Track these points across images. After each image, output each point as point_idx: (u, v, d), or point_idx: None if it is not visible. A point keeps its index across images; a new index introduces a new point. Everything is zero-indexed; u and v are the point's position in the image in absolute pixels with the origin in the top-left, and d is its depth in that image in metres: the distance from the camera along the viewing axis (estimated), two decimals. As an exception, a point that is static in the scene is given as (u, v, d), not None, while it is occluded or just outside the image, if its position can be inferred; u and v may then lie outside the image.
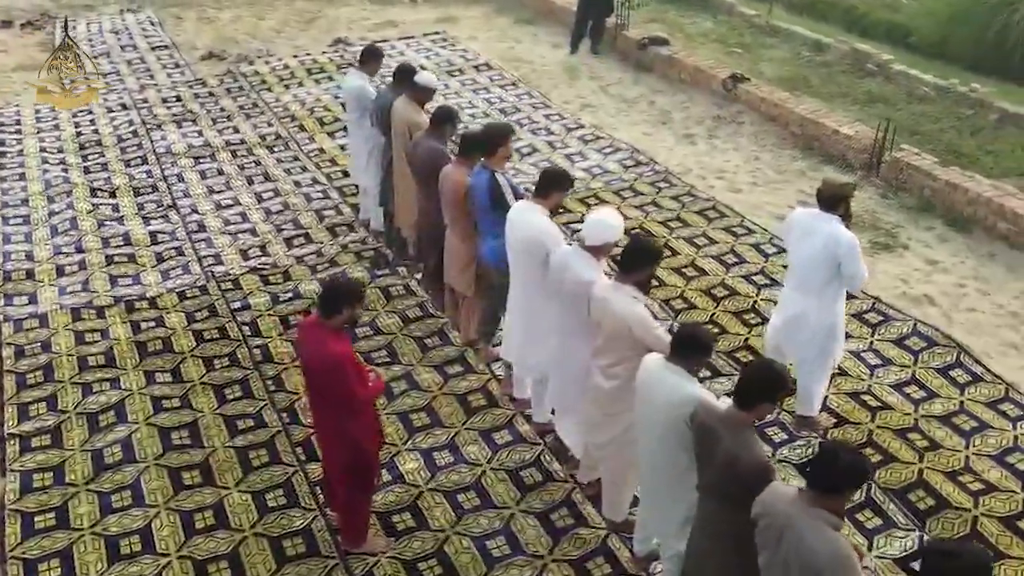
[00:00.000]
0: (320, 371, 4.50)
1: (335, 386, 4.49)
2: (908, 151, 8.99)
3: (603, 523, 5.27)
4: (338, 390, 4.51)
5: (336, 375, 4.47)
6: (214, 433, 5.96)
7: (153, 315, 7.18)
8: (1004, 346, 6.81)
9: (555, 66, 12.21)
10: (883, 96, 11.44)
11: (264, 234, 8.34)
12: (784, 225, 5.86)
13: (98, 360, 6.65)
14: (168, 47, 12.97)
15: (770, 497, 3.64)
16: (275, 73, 12.02)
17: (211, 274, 7.70)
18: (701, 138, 10.14)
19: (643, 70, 11.96)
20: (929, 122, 10.64)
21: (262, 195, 9.04)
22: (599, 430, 4.96)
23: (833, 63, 12.50)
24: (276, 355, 6.71)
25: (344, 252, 7.99)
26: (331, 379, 4.48)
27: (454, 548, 5.14)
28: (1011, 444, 5.84)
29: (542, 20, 13.94)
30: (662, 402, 4.22)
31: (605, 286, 4.79)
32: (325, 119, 10.66)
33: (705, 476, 4.05)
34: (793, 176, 9.27)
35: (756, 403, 3.83)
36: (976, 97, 11.26)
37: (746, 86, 10.61)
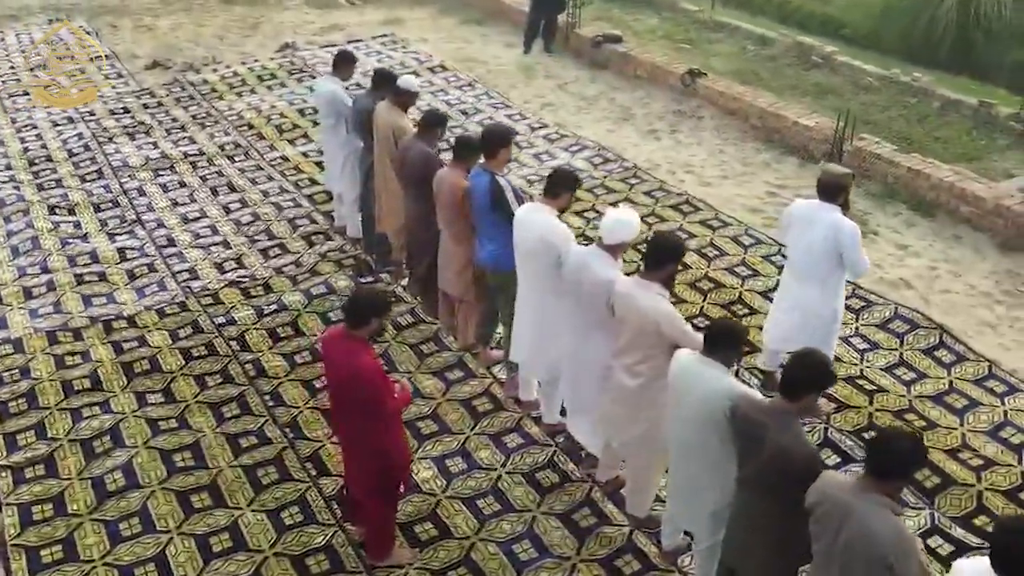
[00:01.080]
0: (349, 383, 4.42)
1: (365, 398, 4.42)
2: (868, 140, 9.26)
3: (626, 520, 5.29)
4: (369, 402, 4.44)
5: (366, 387, 4.40)
6: (217, 453, 5.80)
7: (134, 334, 6.94)
8: (981, 325, 7.06)
9: (510, 66, 12.22)
10: (831, 87, 11.75)
11: (238, 246, 8.14)
12: (784, 217, 5.96)
13: (83, 384, 6.41)
14: (108, 57, 12.56)
15: (826, 485, 3.70)
16: (225, 81, 11.75)
17: (189, 290, 7.49)
18: (664, 133, 10.26)
19: (599, 68, 12.05)
20: (877, 111, 10.97)
21: (229, 206, 8.83)
22: (624, 428, 4.98)
23: (779, 56, 12.78)
24: (270, 369, 6.57)
25: (324, 261, 7.85)
26: (361, 391, 4.41)
27: (481, 555, 5.10)
28: (1002, 419, 6.06)
29: (491, 20, 13.92)
30: (700, 396, 4.26)
31: (629, 284, 4.81)
32: (284, 126, 10.46)
33: (748, 468, 4.10)
34: (759, 168, 9.45)
35: (803, 394, 3.90)
36: (918, 86, 11.66)
37: (704, 81, 10.77)
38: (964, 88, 12.22)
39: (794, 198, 8.73)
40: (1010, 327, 7.06)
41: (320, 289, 7.42)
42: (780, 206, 8.71)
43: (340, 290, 7.39)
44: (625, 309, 4.75)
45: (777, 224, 8.33)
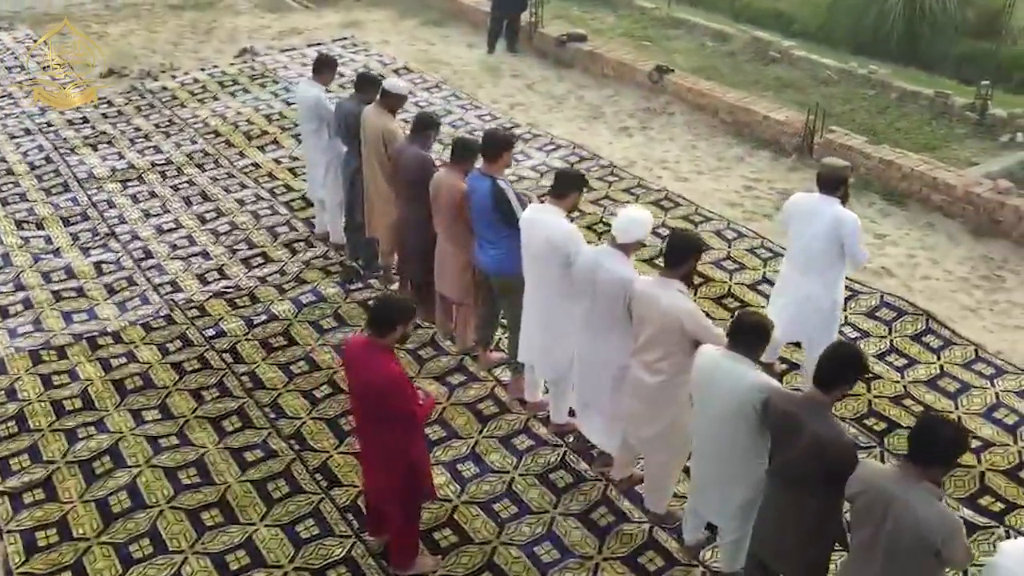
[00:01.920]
0: (377, 392, 4.36)
1: (393, 406, 4.37)
2: (838, 132, 9.45)
3: (644, 517, 5.32)
4: (396, 410, 4.39)
5: (394, 395, 4.35)
6: (223, 468, 5.68)
7: (121, 350, 6.76)
8: (963, 310, 7.25)
9: (475, 66, 12.19)
10: (791, 81, 11.94)
11: (218, 257, 7.98)
12: (784, 211, 6.04)
13: (74, 404, 6.22)
14: (62, 65, 12.21)
15: (868, 474, 3.77)
16: (185, 88, 11.51)
17: (173, 302, 7.32)
18: (636, 130, 10.33)
19: (564, 66, 12.09)
20: (839, 104, 11.18)
21: (204, 216, 8.65)
22: (644, 425, 5.00)
23: (738, 52, 12.96)
24: (267, 381, 6.45)
25: (309, 269, 7.74)
26: (389, 399, 4.36)
27: (504, 559, 5.08)
28: (994, 401, 6.24)
29: (450, 21, 13.87)
30: (729, 391, 4.30)
31: (649, 283, 4.84)
32: (252, 133, 10.28)
33: (781, 461, 4.14)
34: (732, 162, 9.58)
35: (837, 385, 3.96)
36: (876, 78, 11.93)
37: (672, 77, 10.87)
38: (916, 79, 12.54)
39: (770, 192, 8.97)
40: (990, 311, 7.26)
41: (309, 297, 7.32)
42: (757, 200, 8.88)
43: (330, 298, 7.30)
44: (646, 308, 4.77)
45: (756, 217, 8.51)
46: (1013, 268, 7.79)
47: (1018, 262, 7.86)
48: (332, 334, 6.91)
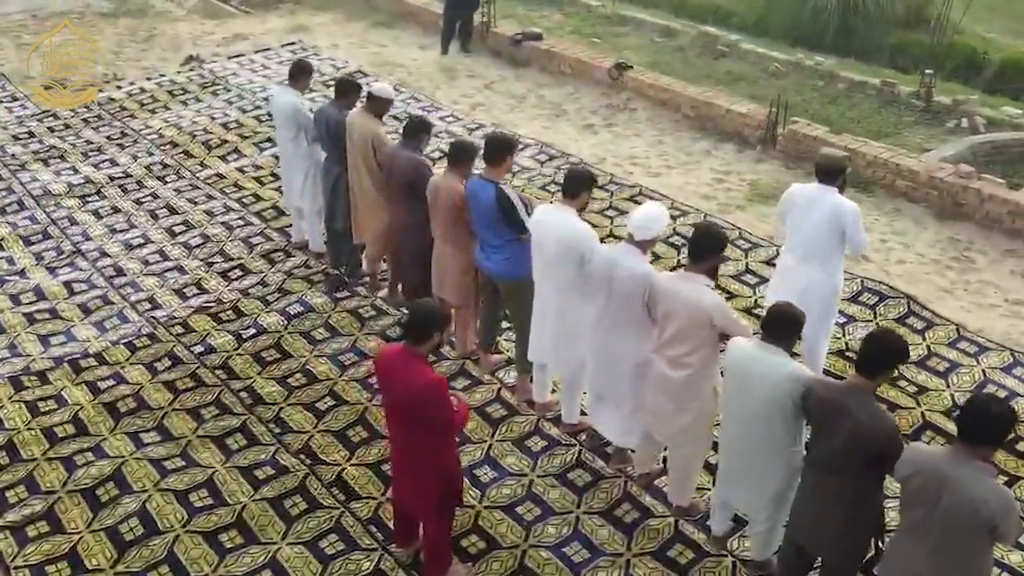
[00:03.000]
0: (417, 400, 4.29)
1: (433, 415, 4.32)
2: (801, 123, 9.66)
3: (667, 511, 5.35)
4: (436, 418, 4.33)
5: (434, 403, 4.30)
6: (235, 488, 5.52)
7: (107, 372, 6.53)
8: (939, 291, 7.50)
9: (430, 68, 12.11)
10: (742, 74, 12.19)
11: (194, 271, 7.76)
12: (783, 202, 6.13)
13: (66, 430, 5.98)
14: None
15: (918, 456, 3.86)
16: (133, 98, 11.17)
17: (155, 320, 7.10)
18: (600, 127, 10.40)
19: (520, 65, 12.09)
20: (792, 95, 11.39)
21: (173, 229, 8.40)
22: (671, 420, 5.03)
23: (686, 47, 13.16)
24: (266, 395, 6.30)
25: (291, 279, 7.59)
26: (429, 408, 4.30)
27: (535, 562, 5.06)
28: (983, 378, 6.46)
29: (399, 23, 13.75)
30: (765, 382, 4.35)
31: (673, 279, 4.88)
32: (211, 142, 10.03)
33: (823, 449, 4.19)
34: (700, 156, 9.72)
35: (882, 371, 4.05)
36: (823, 69, 12.25)
37: (631, 74, 10.97)
38: (859, 70, 12.91)
39: (740, 183, 9.13)
40: (964, 291, 7.52)
41: (297, 308, 7.17)
42: (729, 191, 9.03)
43: (318, 308, 7.17)
44: (672, 303, 4.80)
45: (730, 209, 8.64)
46: (980, 249, 8.08)
47: (983, 243, 8.16)
48: (326, 344, 6.79)
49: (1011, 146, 10.26)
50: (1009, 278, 7.69)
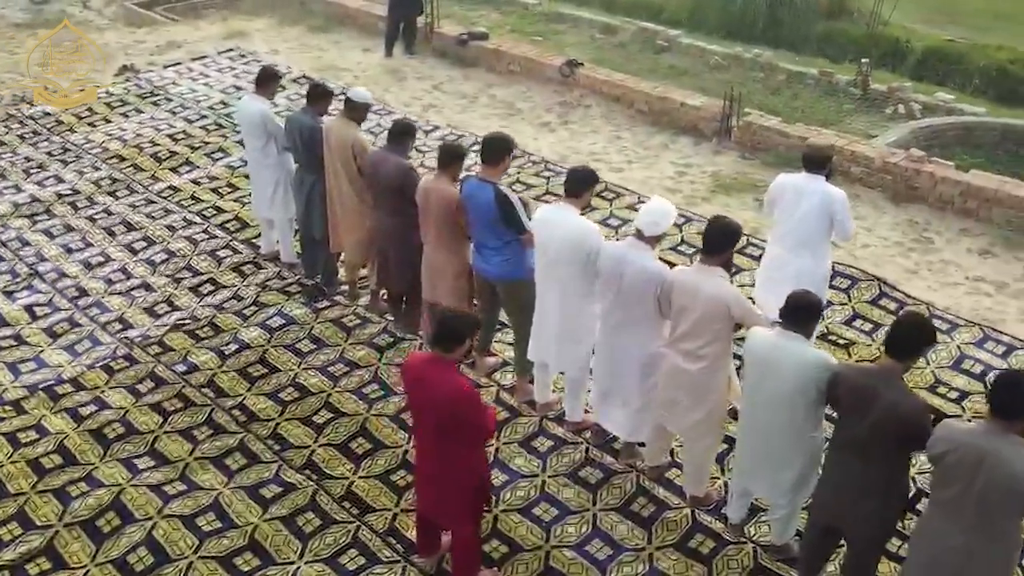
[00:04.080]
0: (451, 407, 4.24)
1: (468, 421, 4.28)
2: (755, 114, 9.87)
3: (682, 502, 5.41)
4: (471, 425, 4.30)
5: (469, 410, 4.26)
6: (242, 509, 5.37)
7: (87, 398, 6.27)
8: (906, 272, 7.76)
9: (376, 70, 11.97)
10: (684, 68, 12.40)
11: (162, 288, 7.51)
12: (771, 192, 6.26)
13: (53, 460, 5.72)
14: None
15: (954, 433, 3.97)
16: (70, 112, 10.73)
17: (129, 341, 6.84)
18: (557, 125, 10.44)
19: (467, 65, 12.05)
20: (736, 87, 11.65)
21: (133, 246, 8.11)
22: (687, 413, 5.07)
23: (627, 43, 13.32)
24: (260, 412, 6.14)
25: (266, 291, 7.41)
26: (463, 414, 4.25)
27: (560, 562, 5.05)
28: (959, 354, 6.71)
29: (336, 26, 13.54)
30: (789, 369, 4.43)
31: (689, 272, 4.92)
32: (160, 154, 9.71)
33: (853, 431, 4.26)
34: (659, 150, 9.84)
35: (912, 354, 4.17)
36: (762, 61, 12.55)
37: (583, 70, 11.04)
38: (793, 60, 13.26)
39: (702, 175, 9.27)
40: (929, 271, 7.80)
41: (277, 321, 7.01)
42: (692, 184, 9.17)
43: (299, 319, 7.02)
44: (687, 297, 4.84)
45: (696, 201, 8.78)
46: (936, 230, 8.39)
47: (939, 224, 8.47)
48: (313, 356, 6.65)
49: (947, 130, 10.69)
50: (967, 256, 8.01)
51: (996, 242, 8.16)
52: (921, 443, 4.10)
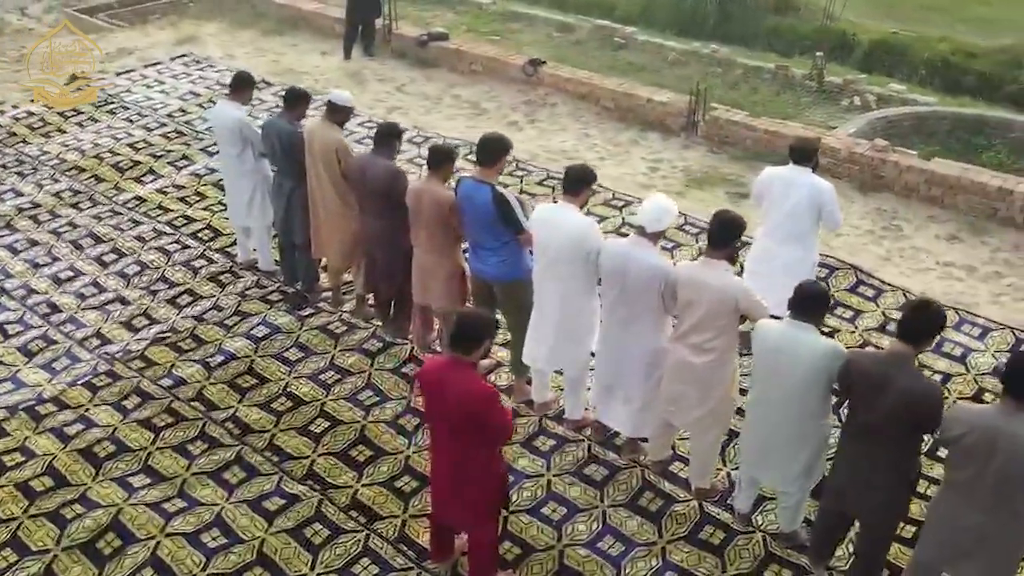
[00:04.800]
0: (473, 409, 4.20)
1: (490, 422, 4.25)
2: (720, 109, 9.99)
3: (688, 494, 5.45)
4: (493, 425, 4.27)
5: (491, 411, 4.23)
6: (246, 524, 5.26)
7: (71, 416, 6.08)
8: (879, 260, 7.93)
9: (336, 73, 11.83)
10: (643, 65, 12.49)
11: (138, 300, 7.32)
12: (759, 185, 6.33)
13: (44, 483, 5.54)
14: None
15: (968, 415, 4.07)
16: (21, 122, 10.41)
17: (110, 356, 6.65)
18: (524, 123, 10.44)
19: (428, 66, 11.97)
20: (695, 83, 11.80)
21: (103, 259, 7.89)
22: (694, 407, 5.11)
23: (584, 40, 13.37)
24: (254, 424, 6.02)
25: (246, 300, 7.27)
26: (485, 415, 4.22)
27: (575, 560, 5.05)
28: (938, 338, 6.82)
29: (291, 29, 13.34)
30: (801, 359, 4.49)
31: (695, 267, 4.96)
32: (122, 164, 9.46)
33: (867, 417, 4.31)
34: (628, 146, 9.90)
35: (924, 339, 4.26)
36: (719, 56, 12.71)
37: (547, 69, 11.06)
38: (748, 55, 13.46)
39: (673, 170, 9.36)
40: (900, 257, 7.98)
41: (262, 330, 6.88)
42: (665, 179, 9.26)
43: (285, 328, 6.90)
44: (694, 291, 4.88)
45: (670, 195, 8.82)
46: (904, 217, 8.59)
47: (906, 211, 8.67)
48: (303, 365, 6.54)
49: (902, 120, 10.94)
50: (936, 242, 8.21)
51: (962, 228, 8.38)
52: (934, 426, 4.20)
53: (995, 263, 7.90)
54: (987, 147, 10.63)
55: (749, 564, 5.04)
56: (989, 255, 8.00)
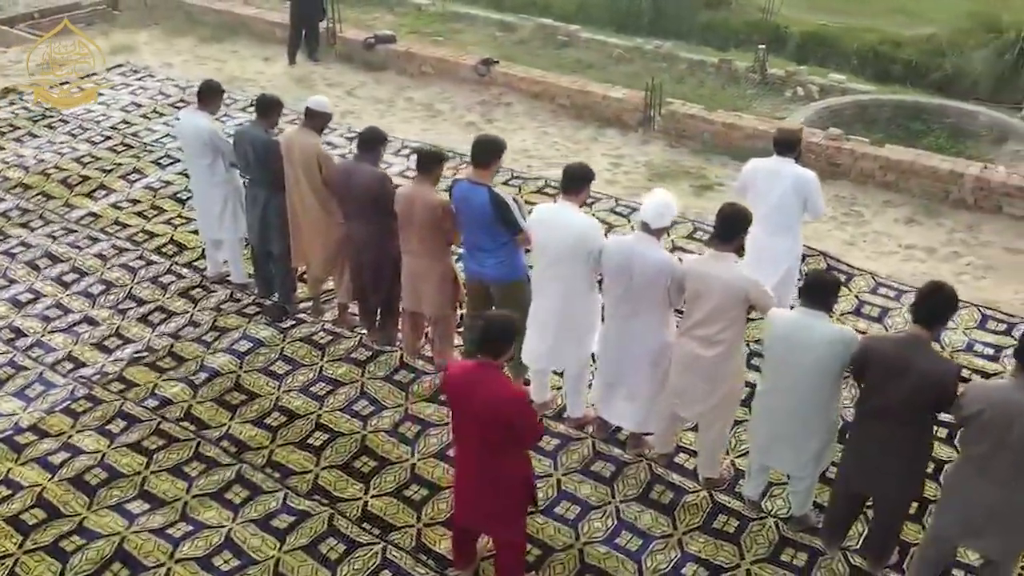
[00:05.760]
0: (505, 412, 4.17)
1: (522, 424, 4.23)
2: (677, 103, 10.13)
3: (697, 485, 5.51)
4: (524, 427, 4.26)
5: (524, 413, 4.23)
6: (257, 544, 5.12)
7: (54, 444, 5.84)
8: (845, 245, 8.14)
9: (283, 80, 11.60)
10: (589, 62, 12.60)
11: (107, 320, 7.07)
12: (744, 177, 6.43)
13: (36, 515, 5.31)
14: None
15: (986, 392, 4.21)
16: (-46, 140, 9.94)
17: (86, 380, 6.41)
18: (481, 124, 10.40)
19: (377, 69, 11.83)
20: (644, 78, 11.90)
21: (63, 279, 7.59)
22: (703, 399, 5.16)
23: (527, 39, 13.41)
24: (250, 441, 5.87)
25: (222, 315, 7.08)
26: (517, 418, 4.21)
27: (595, 558, 5.06)
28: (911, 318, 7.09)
29: (229, 36, 13.03)
30: (817, 347, 4.57)
31: (703, 261, 5.01)
32: (70, 180, 9.11)
33: (885, 400, 4.39)
34: (588, 143, 9.95)
35: (940, 321, 4.39)
36: (663, 52, 12.89)
37: (500, 68, 11.05)
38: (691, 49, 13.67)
39: (636, 165, 9.45)
40: (865, 242, 8.21)
41: (245, 344, 6.71)
42: (628, 174, 9.34)
43: (268, 341, 6.75)
44: (703, 284, 4.93)
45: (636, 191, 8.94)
46: (863, 203, 8.84)
47: (864, 197, 8.93)
48: (291, 377, 6.41)
49: (845, 109, 11.26)
50: (895, 226, 8.47)
51: (918, 211, 8.67)
52: (950, 405, 4.33)
53: (953, 244, 8.19)
54: (926, 132, 11.03)
55: (765, 549, 5.12)
56: (946, 236, 8.29)
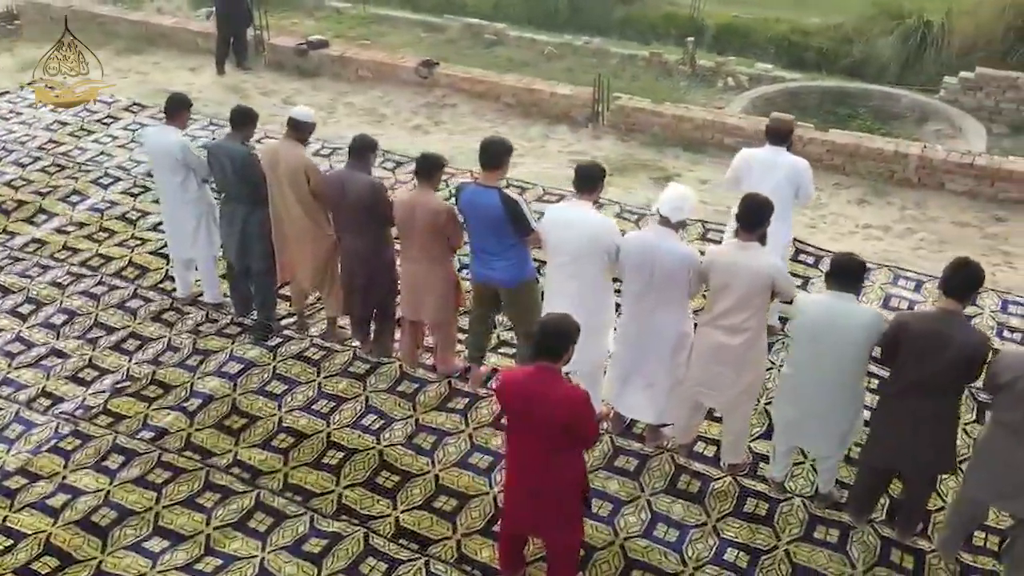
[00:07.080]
0: (569, 415, 4.14)
1: (584, 425, 4.21)
2: (624, 97, 10.24)
3: (721, 471, 5.59)
4: (585, 430, 4.24)
5: (586, 414, 4.20)
6: (293, 571, 4.93)
7: (49, 487, 5.49)
8: (807, 228, 8.39)
9: (214, 90, 11.20)
10: (521, 60, 12.64)
11: (77, 352, 6.69)
12: (738, 166, 6.51)
13: (48, 564, 4.98)
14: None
15: (1017, 360, 4.40)
16: None
17: (69, 415, 6.04)
18: (429, 126, 10.29)
19: (311, 75, 11.55)
20: (578, 74, 12.04)
21: (19, 311, 7.14)
22: (729, 386, 5.22)
23: (455, 39, 13.36)
24: (262, 465, 5.65)
25: (202, 337, 6.79)
26: (579, 420, 4.18)
27: (639, 553, 5.08)
28: (883, 294, 7.37)
29: (148, 47, 12.50)
30: (850, 329, 4.70)
31: (729, 251, 5.08)
32: (5, 206, 8.56)
33: (919, 375, 4.54)
34: (541, 140, 9.96)
35: (969, 294, 4.57)
36: (593, 48, 13.04)
37: (442, 69, 10.94)
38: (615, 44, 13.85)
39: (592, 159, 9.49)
40: (825, 223, 8.49)
41: (234, 366, 6.46)
42: (587, 170, 9.35)
43: (258, 360, 6.51)
44: (730, 275, 5.00)
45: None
46: (818, 185, 9.08)
47: (818, 179, 9.14)
48: (290, 397, 6.20)
49: (776, 97, 11.64)
50: (849, 207, 8.80)
51: (867, 191, 9.01)
52: (981, 373, 4.52)
53: (905, 220, 8.55)
54: (854, 116, 11.49)
55: (799, 529, 5.23)
56: (898, 213, 8.65)
